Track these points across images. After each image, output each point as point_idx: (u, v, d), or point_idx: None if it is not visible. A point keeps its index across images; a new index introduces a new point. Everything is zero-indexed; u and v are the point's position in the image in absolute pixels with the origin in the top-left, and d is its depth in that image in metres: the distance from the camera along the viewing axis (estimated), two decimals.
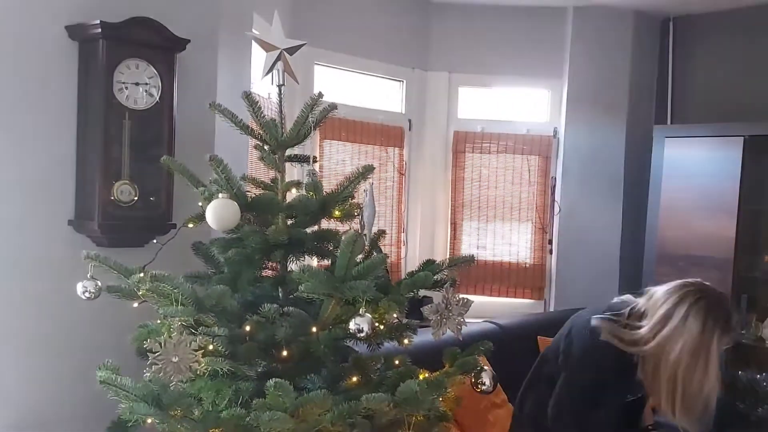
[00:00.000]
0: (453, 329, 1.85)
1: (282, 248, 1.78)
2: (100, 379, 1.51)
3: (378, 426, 1.62)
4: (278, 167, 1.87)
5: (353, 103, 3.84)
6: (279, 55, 1.86)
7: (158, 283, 1.52)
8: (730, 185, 3.56)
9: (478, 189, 4.19)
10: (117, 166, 2.11)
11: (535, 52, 4.13)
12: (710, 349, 1.93)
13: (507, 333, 3.31)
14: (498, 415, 2.87)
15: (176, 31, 2.18)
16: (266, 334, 1.63)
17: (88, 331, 2.14)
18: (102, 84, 2.06)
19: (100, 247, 2.10)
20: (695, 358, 1.92)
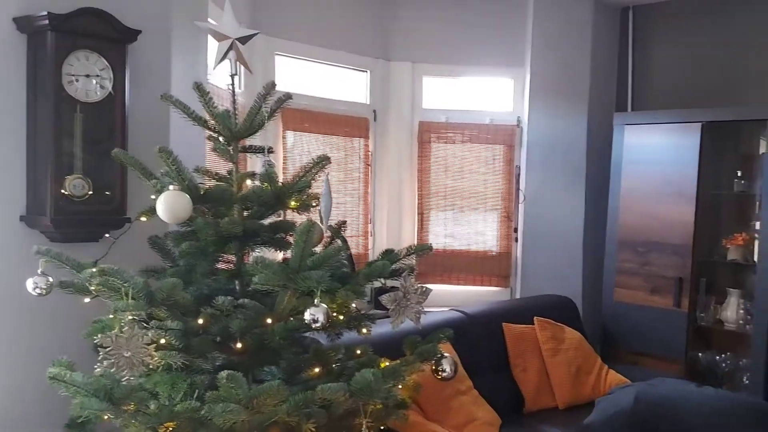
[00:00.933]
0: (411, 318, 1.86)
1: (237, 240, 1.77)
2: (50, 374, 1.48)
3: (335, 415, 1.62)
4: (233, 158, 1.85)
5: (317, 93, 3.82)
6: (231, 45, 1.84)
7: (108, 278, 1.50)
8: (688, 171, 3.63)
9: (444, 179, 4.20)
10: (69, 159, 2.08)
11: (498, 42, 4.15)
12: None
13: (473, 321, 3.33)
14: (463, 402, 2.90)
15: (127, 21, 2.14)
16: (220, 327, 1.63)
17: (45, 327, 2.11)
18: (51, 76, 2.02)
19: (53, 243, 2.07)
20: None
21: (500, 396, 3.12)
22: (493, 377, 3.19)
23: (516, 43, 4.13)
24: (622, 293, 3.86)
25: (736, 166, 3.69)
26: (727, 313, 3.65)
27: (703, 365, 3.69)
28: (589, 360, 3.41)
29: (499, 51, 4.15)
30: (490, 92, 4.29)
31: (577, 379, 3.29)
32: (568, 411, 3.18)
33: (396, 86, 4.14)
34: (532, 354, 3.31)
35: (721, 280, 3.77)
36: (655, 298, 3.75)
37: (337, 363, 1.95)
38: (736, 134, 3.79)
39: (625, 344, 3.87)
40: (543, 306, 3.61)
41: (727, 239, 3.65)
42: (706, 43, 3.98)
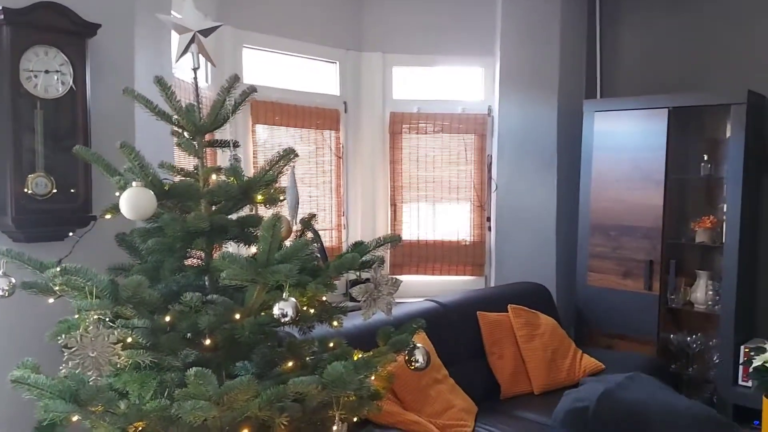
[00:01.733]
0: (383, 309, 1.85)
1: (204, 236, 1.74)
2: (12, 378, 1.45)
3: (308, 408, 1.62)
4: (198, 153, 1.82)
5: (287, 86, 3.78)
6: (192, 37, 1.81)
7: (70, 277, 1.47)
8: (656, 156, 3.67)
9: (416, 169, 4.21)
10: (30, 157, 2.04)
11: (468, 31, 4.15)
12: None
13: (448, 310, 3.35)
14: (440, 391, 2.91)
15: (87, 15, 2.09)
16: (189, 323, 1.60)
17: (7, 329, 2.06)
18: (8, 73, 1.97)
19: (16, 243, 2.03)
20: None
21: (476, 383, 3.15)
22: (469, 365, 3.21)
23: (486, 31, 4.14)
24: (594, 277, 3.91)
25: (703, 151, 3.75)
26: (697, 294, 3.72)
27: (674, 345, 3.75)
28: (563, 345, 3.45)
29: (469, 40, 4.15)
30: (461, 82, 4.30)
31: (552, 363, 3.32)
32: (544, 396, 3.22)
33: (367, 77, 4.12)
34: (508, 341, 3.34)
35: (690, 262, 3.84)
36: (627, 281, 3.80)
37: (312, 356, 1.94)
38: (702, 119, 3.84)
39: (598, 328, 3.92)
40: (517, 293, 3.64)
41: (696, 222, 3.71)
42: (672, 29, 4.03)
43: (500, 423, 2.92)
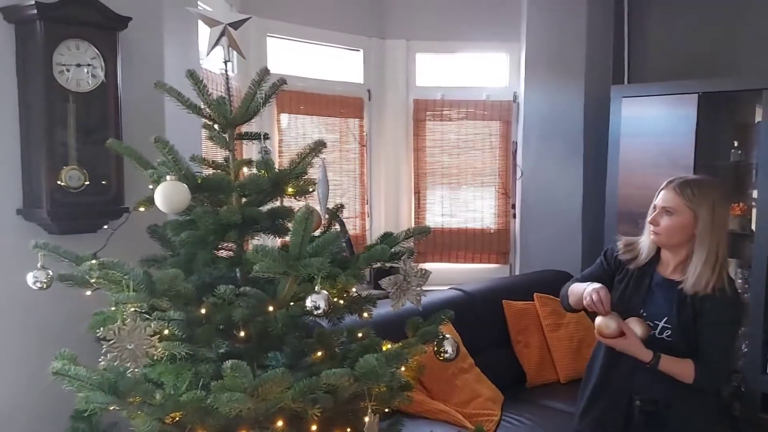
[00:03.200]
0: (412, 300, 1.86)
1: (236, 228, 1.76)
2: (53, 370, 1.49)
3: (340, 400, 1.63)
4: (229, 146, 1.83)
5: (311, 75, 3.78)
6: (223, 30, 1.81)
7: (108, 270, 1.49)
8: (686, 142, 3.61)
9: (440, 156, 4.19)
10: (63, 150, 2.06)
11: (493, 16, 4.10)
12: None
13: (473, 299, 3.35)
14: (466, 380, 2.92)
15: (117, 8, 2.11)
16: (223, 316, 1.62)
17: (46, 320, 2.11)
18: (41, 67, 1.99)
19: (51, 235, 2.06)
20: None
21: (502, 372, 3.16)
22: (494, 354, 3.22)
23: (511, 17, 4.09)
24: None
25: (733, 136, 3.68)
26: None
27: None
28: (590, 333, 3.42)
29: (494, 26, 4.11)
30: (486, 68, 4.26)
31: (578, 353, 3.31)
32: (570, 384, 3.22)
33: (390, 65, 4.11)
34: (534, 330, 3.34)
35: None
36: None
37: (340, 346, 1.95)
38: (732, 104, 3.77)
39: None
40: (543, 281, 3.63)
41: None
42: (702, 12, 3.94)
43: (527, 412, 2.93)
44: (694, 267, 2.07)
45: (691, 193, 2.09)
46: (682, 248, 2.13)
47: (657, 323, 2.12)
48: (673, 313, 2.10)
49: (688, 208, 2.08)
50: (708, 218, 2.06)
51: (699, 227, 2.07)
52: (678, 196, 2.10)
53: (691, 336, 2.08)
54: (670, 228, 2.11)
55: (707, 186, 2.12)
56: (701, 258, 2.06)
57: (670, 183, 2.15)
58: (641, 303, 2.17)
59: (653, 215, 2.16)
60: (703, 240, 2.07)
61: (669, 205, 2.11)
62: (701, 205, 2.07)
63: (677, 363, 2.06)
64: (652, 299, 2.16)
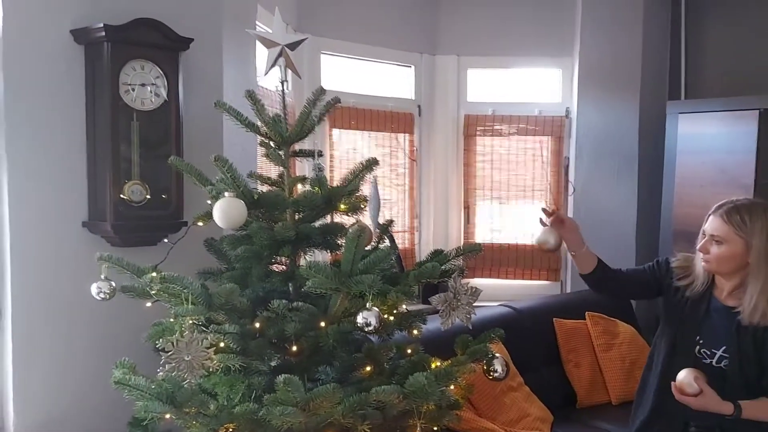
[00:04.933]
0: (462, 318, 1.86)
1: (290, 244, 1.80)
2: (114, 379, 1.55)
3: (389, 416, 1.65)
4: (284, 163, 1.88)
5: (362, 91, 3.84)
6: (280, 52, 1.86)
7: (168, 284, 1.55)
8: (745, 160, 3.50)
9: (491, 172, 4.18)
10: (127, 166, 2.15)
11: (545, 31, 4.08)
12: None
13: (523, 316, 3.31)
14: (515, 398, 2.89)
15: (179, 30, 2.19)
16: (276, 330, 1.67)
17: (107, 329, 2.19)
18: (108, 86, 2.08)
19: (114, 248, 2.15)
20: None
21: (552, 392, 3.10)
22: (544, 373, 3.17)
23: (564, 32, 4.06)
24: None
25: None
26: None
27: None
28: (643, 354, 3.33)
29: (547, 41, 4.08)
30: (538, 83, 4.24)
31: (630, 374, 3.23)
32: (622, 406, 3.14)
33: (441, 80, 4.13)
34: (585, 349, 3.28)
35: None
36: None
37: (389, 362, 1.97)
38: None
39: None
40: (594, 300, 3.55)
41: None
42: (762, 26, 3.83)
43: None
44: (749, 297, 1.98)
45: (740, 221, 1.99)
46: (736, 274, 2.04)
47: (714, 351, 2.05)
48: (733, 342, 2.02)
49: (739, 237, 1.98)
50: (762, 246, 1.97)
51: (752, 256, 1.97)
52: (726, 223, 2.00)
53: (749, 367, 2.00)
54: (720, 257, 2.02)
55: (759, 211, 2.01)
56: (756, 288, 1.97)
57: (719, 208, 2.05)
58: (698, 330, 2.10)
59: (703, 242, 2.07)
60: (758, 269, 1.97)
61: (717, 233, 2.02)
62: (753, 232, 1.97)
63: (759, 408, 1.96)
64: (710, 326, 2.08)
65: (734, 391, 2.00)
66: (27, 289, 2.09)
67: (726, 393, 1.97)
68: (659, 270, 2.24)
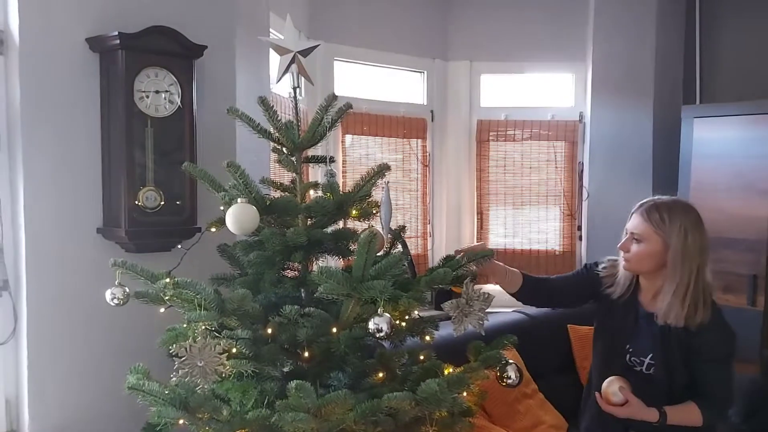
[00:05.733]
0: (475, 324, 1.85)
1: (301, 249, 1.80)
2: (128, 385, 1.56)
3: (401, 423, 1.64)
4: (296, 169, 1.89)
5: (375, 96, 3.85)
6: (293, 58, 1.87)
7: (181, 290, 1.56)
8: (762, 164, 3.47)
9: (504, 177, 4.16)
10: (141, 172, 2.16)
11: (558, 36, 4.07)
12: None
13: (537, 322, 3.30)
14: (529, 405, 2.87)
15: (193, 37, 2.21)
16: (288, 335, 1.67)
17: (122, 334, 2.21)
18: (123, 93, 2.10)
19: (128, 254, 2.16)
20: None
21: (567, 399, 3.07)
22: (558, 380, 3.15)
23: (577, 36, 4.05)
24: None
25: None
26: None
27: None
28: None
29: (560, 45, 4.07)
30: (551, 88, 4.23)
31: None
32: None
33: (453, 86, 4.13)
34: None
35: None
36: (727, 296, 3.60)
37: (401, 368, 1.96)
38: None
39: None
40: None
41: None
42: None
43: None
44: (663, 297, 1.96)
45: (659, 219, 1.96)
46: (656, 276, 2.00)
47: (643, 359, 2.02)
48: (658, 348, 1.99)
49: (657, 235, 1.96)
50: (679, 246, 1.93)
51: (669, 255, 1.94)
52: (645, 221, 1.98)
53: (675, 373, 1.98)
54: (639, 255, 1.99)
55: (679, 210, 1.99)
56: (671, 289, 1.94)
57: (641, 206, 2.03)
58: (627, 338, 2.07)
59: (623, 240, 2.05)
60: (674, 269, 1.94)
61: (636, 231, 2.00)
62: (671, 232, 1.94)
63: (683, 413, 1.95)
64: (638, 333, 2.05)
65: (661, 396, 1.97)
66: (42, 294, 2.11)
67: (654, 399, 1.95)
68: (589, 276, 2.21)
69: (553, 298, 2.25)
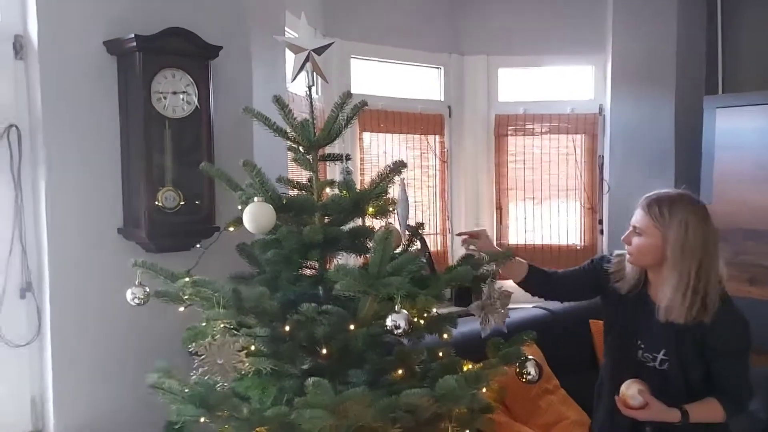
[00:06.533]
0: (498, 322, 1.86)
1: (318, 247, 1.81)
2: (149, 383, 1.57)
3: (420, 420, 1.64)
4: (312, 167, 1.89)
5: (392, 93, 3.84)
6: (307, 57, 1.87)
7: (200, 288, 1.57)
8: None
9: (523, 172, 4.13)
10: (160, 173, 2.18)
11: (576, 27, 4.02)
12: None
13: (558, 318, 3.27)
14: (550, 401, 2.85)
15: (208, 38, 2.23)
16: (306, 333, 1.67)
17: (145, 333, 2.23)
18: (141, 95, 2.12)
19: (148, 254, 2.19)
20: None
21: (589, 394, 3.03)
22: (581, 376, 3.11)
23: (595, 28, 4.00)
24: None
25: None
26: None
27: None
28: None
29: (578, 38, 4.03)
30: (570, 81, 4.18)
31: None
32: None
33: (471, 81, 4.10)
34: None
35: None
36: (751, 288, 3.54)
37: (420, 365, 1.96)
38: None
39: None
40: None
41: None
42: None
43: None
44: (664, 293, 1.92)
45: (658, 213, 1.93)
46: (662, 270, 1.96)
47: (656, 355, 1.99)
48: (672, 344, 1.96)
49: (657, 229, 1.93)
50: (678, 241, 1.89)
51: (668, 250, 1.91)
52: (646, 215, 1.95)
53: (690, 368, 1.95)
54: (640, 249, 1.97)
55: (680, 205, 1.94)
56: (671, 284, 1.90)
57: (644, 199, 2.01)
58: (638, 334, 2.04)
59: (626, 234, 2.02)
60: (673, 264, 1.90)
61: (638, 224, 1.98)
62: (671, 226, 1.91)
63: (705, 410, 1.92)
64: (649, 329, 2.01)
65: (677, 393, 1.94)
66: (65, 295, 2.14)
67: (669, 395, 1.92)
68: (595, 270, 2.18)
69: (558, 291, 2.24)
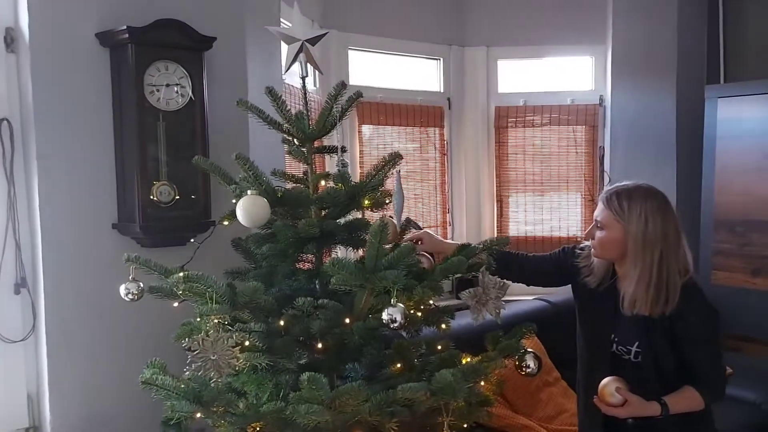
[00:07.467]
0: (491, 312, 1.83)
1: (314, 241, 1.79)
2: (142, 379, 1.55)
3: (417, 414, 1.62)
4: (307, 160, 1.87)
5: (391, 85, 3.81)
6: (300, 47, 1.84)
7: (192, 283, 1.55)
8: None
9: (523, 164, 4.10)
10: (155, 167, 2.16)
11: (576, 18, 3.98)
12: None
13: (559, 310, 3.25)
14: (551, 394, 2.84)
15: (202, 29, 2.20)
16: (301, 328, 1.65)
17: (140, 329, 2.21)
18: (134, 87, 2.10)
19: (143, 248, 2.17)
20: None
21: None
22: None
23: (595, 18, 3.96)
24: (719, 276, 3.64)
25: None
26: None
27: None
28: None
29: (578, 28, 3.99)
30: (570, 72, 4.15)
31: None
32: None
33: (470, 72, 4.07)
34: None
35: None
36: (756, 279, 3.52)
37: (419, 358, 1.94)
38: None
39: (724, 329, 3.65)
40: None
41: None
42: None
43: None
44: (627, 285, 1.91)
45: (618, 206, 1.90)
46: (625, 262, 1.94)
47: (629, 348, 1.97)
48: (643, 336, 1.94)
49: (617, 222, 1.90)
50: (639, 233, 1.87)
51: (629, 243, 1.89)
52: (606, 208, 1.93)
53: (663, 358, 1.93)
54: (602, 242, 1.95)
55: (639, 197, 1.91)
56: (634, 276, 1.89)
57: (605, 193, 1.99)
58: (611, 327, 2.02)
59: (589, 228, 2.01)
60: (635, 257, 1.88)
61: (599, 218, 1.96)
62: (631, 218, 1.88)
63: (684, 399, 1.90)
64: (621, 322, 1.99)
65: (654, 383, 1.93)
66: (60, 291, 2.12)
67: (647, 386, 1.90)
68: (564, 259, 2.16)
69: (525, 274, 2.22)
